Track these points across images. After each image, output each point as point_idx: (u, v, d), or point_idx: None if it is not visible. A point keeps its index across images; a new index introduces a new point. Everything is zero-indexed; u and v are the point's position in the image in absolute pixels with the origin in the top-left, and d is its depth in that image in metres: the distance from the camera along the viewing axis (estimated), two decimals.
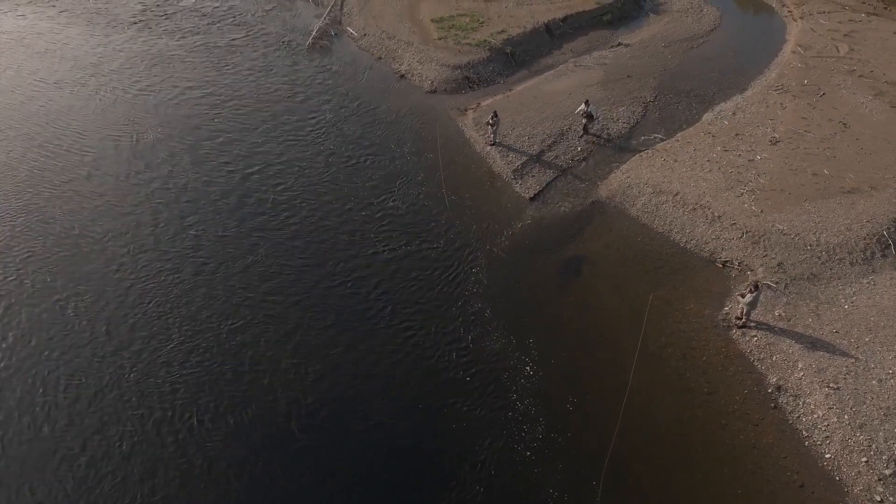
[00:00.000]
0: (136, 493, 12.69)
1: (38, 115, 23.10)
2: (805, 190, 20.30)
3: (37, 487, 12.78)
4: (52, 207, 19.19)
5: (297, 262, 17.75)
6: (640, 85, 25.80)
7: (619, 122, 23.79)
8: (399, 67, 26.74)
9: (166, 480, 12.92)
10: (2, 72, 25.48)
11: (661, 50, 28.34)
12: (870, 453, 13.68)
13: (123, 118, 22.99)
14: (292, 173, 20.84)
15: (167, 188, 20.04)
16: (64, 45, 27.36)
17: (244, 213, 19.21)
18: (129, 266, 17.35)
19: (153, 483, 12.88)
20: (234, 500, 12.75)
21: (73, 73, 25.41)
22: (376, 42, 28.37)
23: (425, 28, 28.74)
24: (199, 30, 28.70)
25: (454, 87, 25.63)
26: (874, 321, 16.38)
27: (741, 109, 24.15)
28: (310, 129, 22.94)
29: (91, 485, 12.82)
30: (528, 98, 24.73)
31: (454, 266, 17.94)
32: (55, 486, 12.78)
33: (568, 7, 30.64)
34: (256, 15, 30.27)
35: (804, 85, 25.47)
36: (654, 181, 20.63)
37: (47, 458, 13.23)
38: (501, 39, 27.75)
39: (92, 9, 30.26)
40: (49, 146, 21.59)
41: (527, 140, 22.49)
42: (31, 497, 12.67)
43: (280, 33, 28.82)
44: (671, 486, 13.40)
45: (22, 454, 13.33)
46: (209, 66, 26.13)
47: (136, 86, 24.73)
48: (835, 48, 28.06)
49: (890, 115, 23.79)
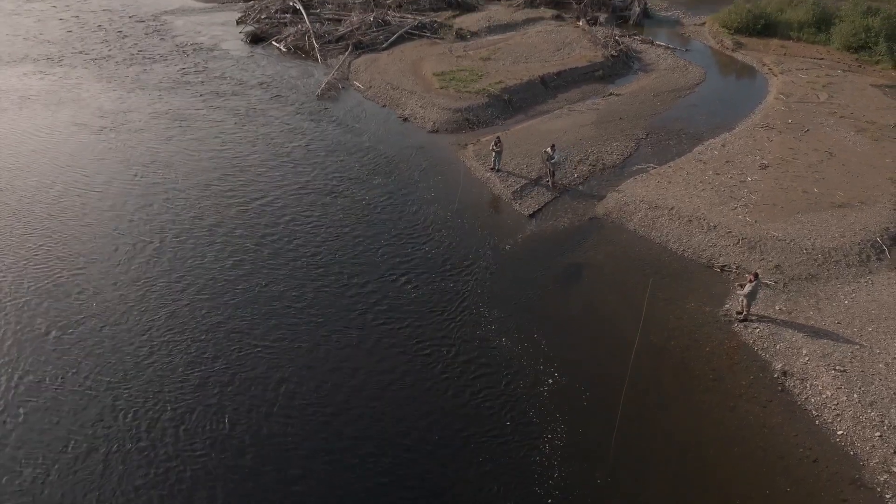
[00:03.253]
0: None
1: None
2: (797, 204, 20.87)
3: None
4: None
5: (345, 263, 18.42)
6: (631, 125, 27.09)
7: (613, 154, 24.80)
8: (402, 112, 28.25)
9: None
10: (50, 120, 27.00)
11: (650, 98, 29.96)
12: (883, 428, 13.32)
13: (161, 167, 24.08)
14: (312, 193, 21.72)
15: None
16: (89, 96, 29.17)
17: (274, 233, 19.80)
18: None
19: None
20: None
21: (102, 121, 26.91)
22: (381, 92, 30.14)
23: (427, 80, 30.60)
24: (235, 92, 30.68)
25: (454, 127, 26.95)
26: (875, 314, 16.40)
27: (730, 143, 25.25)
28: (316, 161, 24.02)
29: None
30: (525, 134, 25.95)
31: (455, 270, 18.25)
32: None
33: (561, 64, 32.73)
34: (282, 79, 32.40)
35: (789, 123, 26.74)
36: (649, 198, 21.27)
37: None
38: (499, 88, 29.48)
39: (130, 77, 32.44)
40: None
41: (525, 168, 23.38)
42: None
43: (296, 88, 30.76)
44: (680, 465, 12.94)
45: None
46: (232, 118, 27.72)
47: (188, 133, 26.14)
48: (815, 95, 29.66)
49: (873, 146, 24.83)
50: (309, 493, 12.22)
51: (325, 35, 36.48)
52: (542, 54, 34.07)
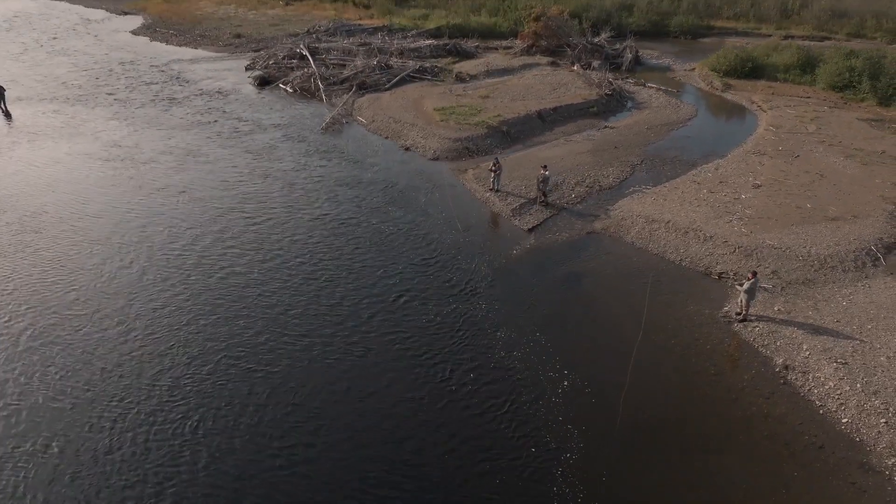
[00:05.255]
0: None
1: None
2: (790, 218, 21.26)
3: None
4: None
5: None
6: (627, 153, 27.85)
7: (609, 177, 25.39)
8: (404, 143, 29.10)
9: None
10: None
11: (644, 131, 30.89)
12: (888, 415, 13.23)
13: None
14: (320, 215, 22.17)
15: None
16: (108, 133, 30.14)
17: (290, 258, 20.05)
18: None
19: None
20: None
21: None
22: (384, 126, 31.12)
23: (428, 115, 31.64)
24: (247, 129, 31.69)
25: (454, 155, 27.70)
26: (874, 313, 16.48)
27: (723, 167, 25.90)
28: (323, 187, 24.63)
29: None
30: (523, 160, 26.64)
31: (460, 278, 18.46)
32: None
33: (557, 101, 33.88)
34: (289, 116, 33.55)
35: (779, 150, 27.50)
36: (646, 213, 21.69)
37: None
38: (498, 121, 30.46)
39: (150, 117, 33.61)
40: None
41: (523, 189, 23.91)
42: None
43: (302, 123, 31.81)
44: (684, 452, 12.77)
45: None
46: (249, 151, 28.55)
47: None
48: (804, 127, 30.59)
49: (862, 169, 25.44)
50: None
51: (329, 77, 37.97)
52: (539, 93, 35.34)
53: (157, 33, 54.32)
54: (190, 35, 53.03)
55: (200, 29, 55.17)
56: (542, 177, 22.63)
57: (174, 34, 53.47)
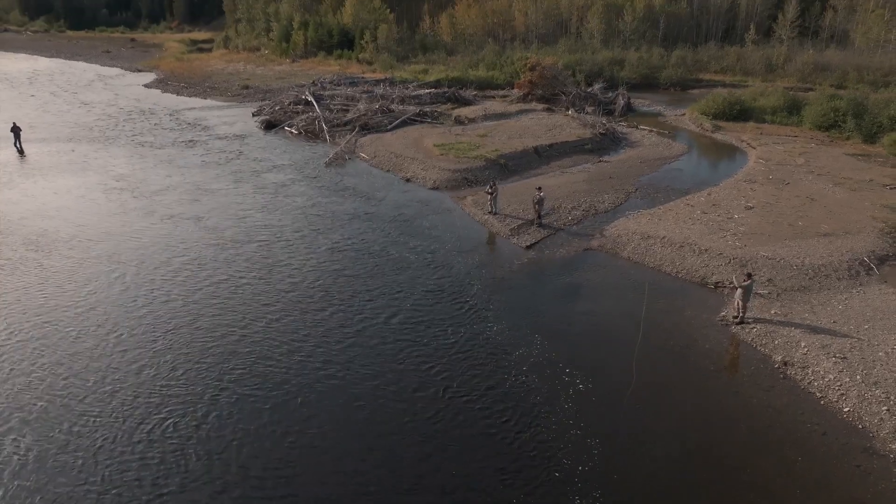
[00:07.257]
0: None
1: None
2: (784, 234, 21.67)
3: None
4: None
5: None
6: (622, 182, 28.58)
7: (605, 203, 25.97)
8: (405, 174, 29.89)
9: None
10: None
11: (637, 164, 31.77)
12: (889, 403, 13.21)
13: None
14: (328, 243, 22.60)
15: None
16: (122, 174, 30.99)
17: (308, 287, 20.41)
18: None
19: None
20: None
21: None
22: (385, 160, 32.03)
23: (428, 150, 32.61)
24: (254, 169, 32.60)
25: (454, 185, 28.42)
26: (870, 315, 16.64)
27: (715, 193, 26.53)
28: (328, 215, 25.20)
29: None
30: (521, 189, 27.30)
31: (458, 292, 18.68)
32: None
33: (553, 139, 34.99)
34: (294, 155, 34.56)
35: (770, 178, 28.25)
36: (641, 230, 22.12)
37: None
38: (496, 155, 31.39)
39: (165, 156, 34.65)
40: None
41: (521, 212, 24.44)
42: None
43: (307, 161, 32.74)
44: (687, 442, 12.67)
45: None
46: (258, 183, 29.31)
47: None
48: (793, 160, 31.48)
49: (851, 194, 26.06)
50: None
51: (333, 120, 39.28)
52: (535, 133, 36.50)
53: (168, 86, 56.59)
54: (200, 87, 55.20)
55: (210, 82, 57.51)
56: (537, 198, 23.21)
57: (185, 86, 55.66)
